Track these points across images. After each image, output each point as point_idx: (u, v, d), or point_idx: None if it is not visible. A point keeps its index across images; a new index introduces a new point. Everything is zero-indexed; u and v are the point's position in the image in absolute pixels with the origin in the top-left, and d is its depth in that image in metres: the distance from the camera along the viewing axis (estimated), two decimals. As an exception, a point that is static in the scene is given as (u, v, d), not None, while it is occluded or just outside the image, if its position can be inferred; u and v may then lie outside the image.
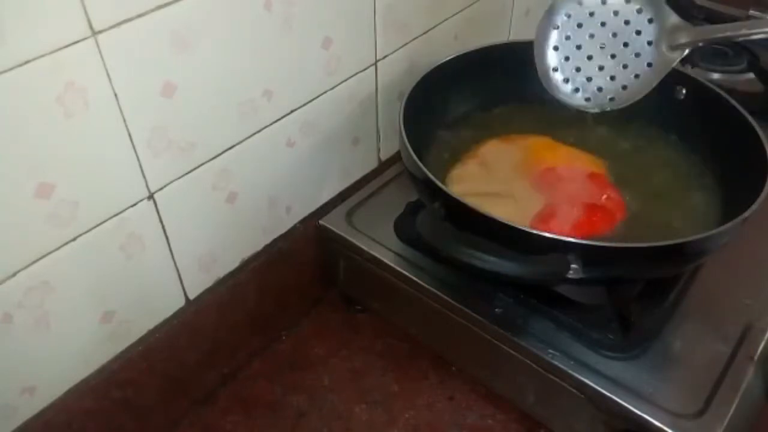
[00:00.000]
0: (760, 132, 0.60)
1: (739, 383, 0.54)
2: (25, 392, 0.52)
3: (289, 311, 0.74)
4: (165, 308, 0.61)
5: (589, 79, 0.63)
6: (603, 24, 0.63)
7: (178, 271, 0.60)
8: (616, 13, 0.63)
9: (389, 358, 0.71)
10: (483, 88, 0.73)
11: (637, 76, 0.62)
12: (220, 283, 0.65)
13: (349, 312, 0.76)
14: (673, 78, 0.69)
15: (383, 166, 0.79)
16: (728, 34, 0.60)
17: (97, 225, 0.51)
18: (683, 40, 0.60)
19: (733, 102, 0.64)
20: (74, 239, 0.50)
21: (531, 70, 0.70)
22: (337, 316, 0.75)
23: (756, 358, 0.56)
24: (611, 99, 0.62)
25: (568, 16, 0.65)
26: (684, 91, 0.69)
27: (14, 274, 0.47)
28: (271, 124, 0.62)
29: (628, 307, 0.58)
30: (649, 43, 0.62)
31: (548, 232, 0.51)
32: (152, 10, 0.47)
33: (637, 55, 0.62)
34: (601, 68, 0.63)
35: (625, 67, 0.63)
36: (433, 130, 0.71)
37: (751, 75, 0.89)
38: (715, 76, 0.89)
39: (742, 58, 0.92)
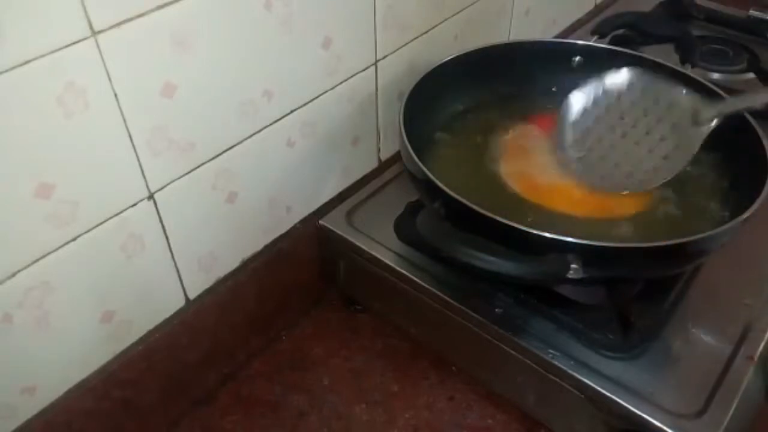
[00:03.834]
0: (760, 132, 0.60)
1: (739, 383, 0.54)
2: (25, 392, 0.52)
3: (289, 311, 0.74)
4: (165, 308, 0.61)
5: (616, 166, 0.62)
6: (621, 117, 0.63)
7: (178, 271, 0.60)
8: (633, 103, 0.63)
9: (389, 358, 0.71)
10: (483, 88, 0.73)
11: (665, 157, 0.60)
12: (220, 283, 0.65)
13: (349, 312, 0.76)
14: (673, 78, 0.70)
15: (383, 166, 0.79)
16: (751, 103, 0.59)
17: (97, 225, 0.51)
18: (707, 116, 0.60)
19: (733, 102, 0.64)
20: (74, 239, 0.50)
21: (531, 69, 0.70)
22: (337, 316, 0.75)
23: (756, 358, 0.56)
24: (642, 181, 0.60)
25: (584, 114, 0.65)
26: (684, 92, 0.69)
27: (14, 274, 0.47)
28: (271, 124, 0.62)
29: (628, 307, 0.58)
30: (673, 126, 0.61)
31: (548, 232, 0.51)
32: (152, 10, 0.47)
33: (662, 139, 0.61)
34: (626, 154, 0.62)
35: (650, 151, 0.61)
36: (433, 130, 0.71)
37: (751, 75, 0.89)
38: (715, 76, 0.89)
39: (742, 58, 0.92)
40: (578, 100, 0.66)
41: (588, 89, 0.66)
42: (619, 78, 0.65)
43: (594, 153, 0.63)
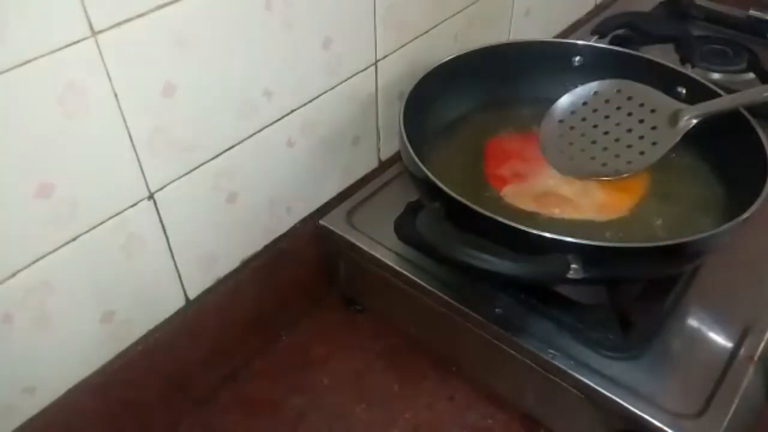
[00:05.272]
0: (760, 132, 0.60)
1: (739, 383, 0.54)
2: (26, 392, 0.52)
3: (289, 311, 0.74)
4: (165, 308, 0.61)
5: (593, 158, 0.66)
6: (606, 117, 0.67)
7: (178, 271, 0.60)
8: (618, 108, 0.67)
9: (389, 358, 0.71)
10: (483, 88, 0.73)
11: (642, 152, 0.64)
12: (220, 283, 0.65)
13: (349, 312, 0.76)
14: (673, 78, 0.70)
15: (383, 166, 0.79)
16: (730, 104, 0.62)
17: (98, 225, 0.51)
18: (686, 118, 0.63)
19: (733, 102, 0.64)
20: (74, 239, 0.50)
21: (531, 69, 0.70)
22: (337, 316, 0.75)
23: (756, 358, 0.56)
24: (616, 171, 0.64)
25: (573, 113, 0.69)
26: (684, 91, 0.69)
27: (14, 274, 0.47)
28: (271, 124, 0.62)
29: (628, 307, 0.58)
30: (653, 128, 0.65)
31: (548, 233, 0.51)
32: (152, 10, 0.47)
33: (641, 137, 0.65)
34: (605, 149, 0.66)
35: (629, 147, 0.65)
36: (433, 130, 0.70)
37: (751, 75, 0.89)
38: (715, 76, 0.89)
39: (742, 58, 0.92)
40: (568, 101, 0.70)
41: (580, 90, 0.70)
42: (610, 85, 0.69)
43: (575, 146, 0.67)
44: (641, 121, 0.65)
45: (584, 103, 0.69)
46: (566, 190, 0.64)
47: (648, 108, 0.66)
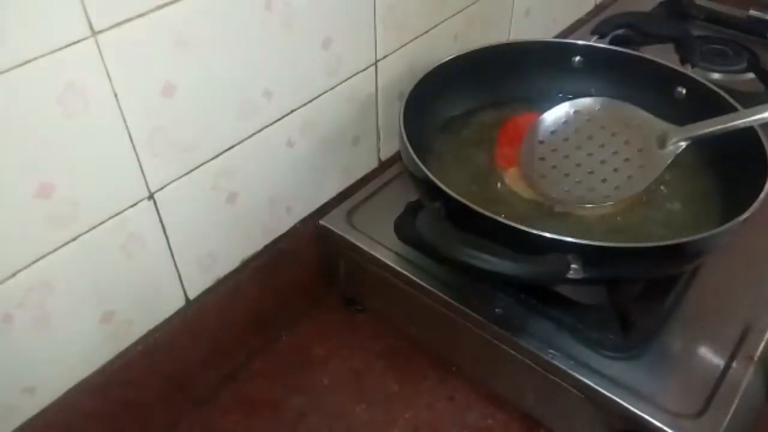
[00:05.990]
0: (760, 132, 0.60)
1: (739, 383, 0.54)
2: (25, 392, 0.52)
3: (289, 311, 0.74)
4: (165, 308, 0.61)
5: (578, 182, 0.62)
6: (590, 137, 0.63)
7: (178, 271, 0.60)
8: (602, 127, 0.63)
9: (389, 358, 0.71)
10: (483, 88, 0.73)
11: (630, 177, 0.61)
12: (220, 283, 0.65)
13: (349, 312, 0.76)
14: (673, 78, 0.70)
15: (383, 166, 0.79)
16: (717, 128, 0.59)
17: (98, 225, 0.51)
18: (674, 141, 0.60)
19: (733, 102, 0.64)
20: (74, 239, 0.50)
21: (531, 69, 0.70)
22: (337, 316, 0.75)
23: (756, 358, 0.56)
24: (605, 197, 0.61)
25: (552, 132, 0.65)
26: (684, 91, 0.69)
27: (14, 274, 0.47)
28: (271, 124, 0.62)
29: (628, 307, 0.58)
30: (639, 150, 0.61)
31: (548, 233, 0.51)
32: (152, 10, 0.47)
33: (627, 160, 0.62)
34: (591, 173, 0.62)
35: (616, 170, 0.61)
36: (433, 130, 0.71)
37: (751, 75, 0.89)
38: (715, 76, 0.89)
39: (742, 58, 0.92)
40: (547, 120, 0.66)
41: (558, 109, 0.66)
42: (590, 103, 0.66)
43: (558, 170, 0.63)
44: (626, 143, 0.62)
45: (565, 122, 0.65)
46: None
47: (633, 128, 0.62)
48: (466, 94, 0.73)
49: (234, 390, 0.68)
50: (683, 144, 0.60)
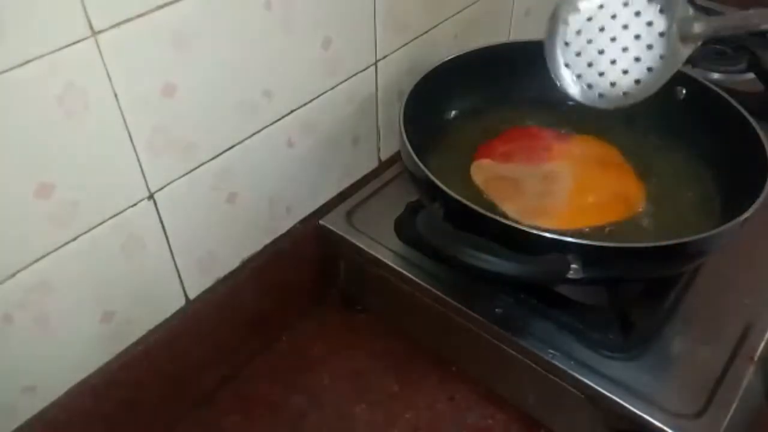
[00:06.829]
0: (760, 132, 0.60)
1: (739, 383, 0.54)
2: (26, 392, 0.52)
3: (289, 311, 0.74)
4: (165, 308, 0.61)
5: (601, 74, 0.62)
6: (613, 16, 0.62)
7: (178, 271, 0.60)
8: (625, 4, 0.61)
9: (389, 358, 0.71)
10: (483, 88, 0.73)
11: (650, 69, 0.60)
12: (220, 283, 0.65)
13: (349, 312, 0.76)
14: (673, 78, 0.69)
15: (383, 166, 0.79)
16: (740, 23, 0.58)
17: (98, 225, 0.51)
18: (696, 30, 0.59)
19: (733, 102, 0.64)
20: (74, 239, 0.50)
21: (531, 69, 0.69)
22: (337, 316, 0.75)
23: (756, 358, 0.56)
24: (625, 94, 0.61)
25: (577, 10, 0.63)
26: (684, 92, 0.69)
27: (14, 274, 0.47)
28: (271, 124, 0.62)
29: (628, 308, 0.58)
30: (661, 34, 0.60)
31: (548, 232, 0.51)
32: (152, 10, 0.47)
33: (650, 47, 0.60)
34: (613, 62, 0.62)
35: (637, 60, 0.61)
36: (433, 130, 0.70)
37: (751, 75, 0.89)
38: (715, 76, 0.89)
39: (742, 58, 0.92)
40: None
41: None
42: None
43: (582, 58, 0.63)
44: (649, 24, 0.60)
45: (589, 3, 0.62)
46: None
47: (656, 7, 0.60)
48: (466, 93, 0.73)
49: (234, 390, 0.68)
50: (703, 39, 0.58)
